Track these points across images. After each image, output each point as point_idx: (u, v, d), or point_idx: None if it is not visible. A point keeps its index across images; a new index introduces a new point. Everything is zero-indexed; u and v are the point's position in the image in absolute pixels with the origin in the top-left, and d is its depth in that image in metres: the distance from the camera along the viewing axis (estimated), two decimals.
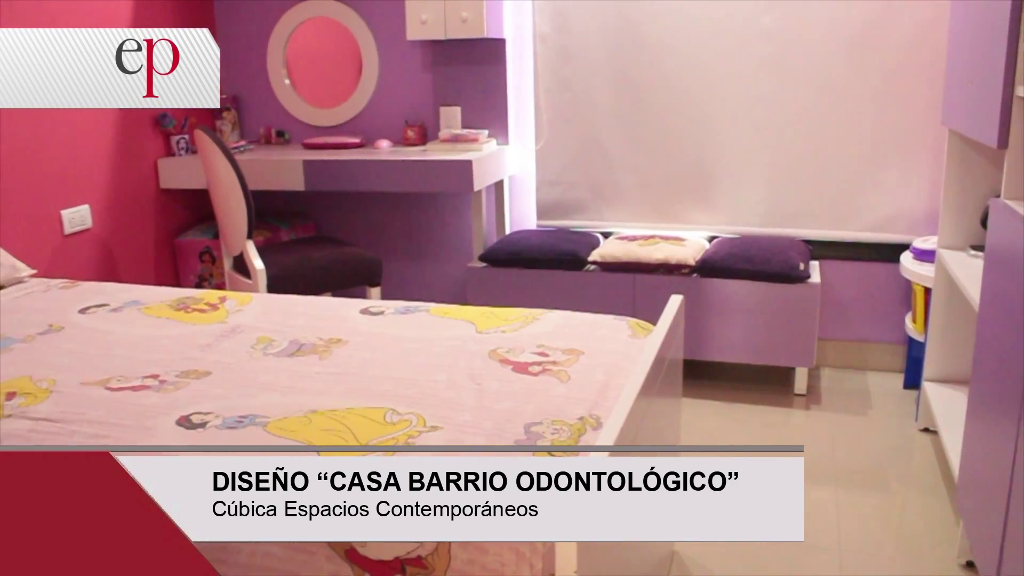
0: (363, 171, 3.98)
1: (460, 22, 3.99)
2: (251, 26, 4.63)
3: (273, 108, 4.70)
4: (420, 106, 4.43)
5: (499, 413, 1.84)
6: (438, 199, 4.50)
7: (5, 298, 2.94)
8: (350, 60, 4.54)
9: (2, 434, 1.89)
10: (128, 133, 4.13)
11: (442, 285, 4.58)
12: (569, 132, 4.24)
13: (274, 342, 2.37)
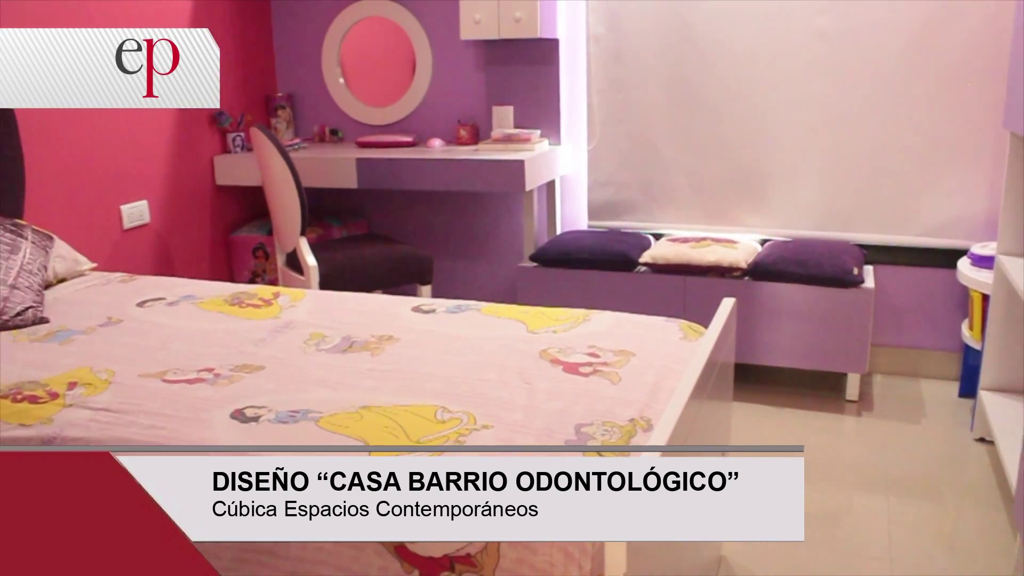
0: (415, 170, 4.01)
1: (513, 22, 3.99)
2: (307, 25, 4.68)
3: (327, 107, 4.74)
4: (473, 105, 4.44)
5: (549, 413, 1.84)
6: (489, 198, 4.52)
7: (67, 290, 3.00)
8: (404, 59, 4.57)
9: (63, 423, 1.93)
10: (185, 130, 4.20)
11: (492, 284, 4.59)
12: (621, 132, 4.23)
13: (326, 338, 2.40)
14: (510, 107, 4.33)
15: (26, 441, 1.90)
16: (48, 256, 2.96)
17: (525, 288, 4.02)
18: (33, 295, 2.74)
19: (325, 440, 1.76)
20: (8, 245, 2.81)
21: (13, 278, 2.72)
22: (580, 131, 4.34)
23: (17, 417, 1.98)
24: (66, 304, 2.85)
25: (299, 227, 3.62)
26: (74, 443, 1.86)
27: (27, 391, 2.11)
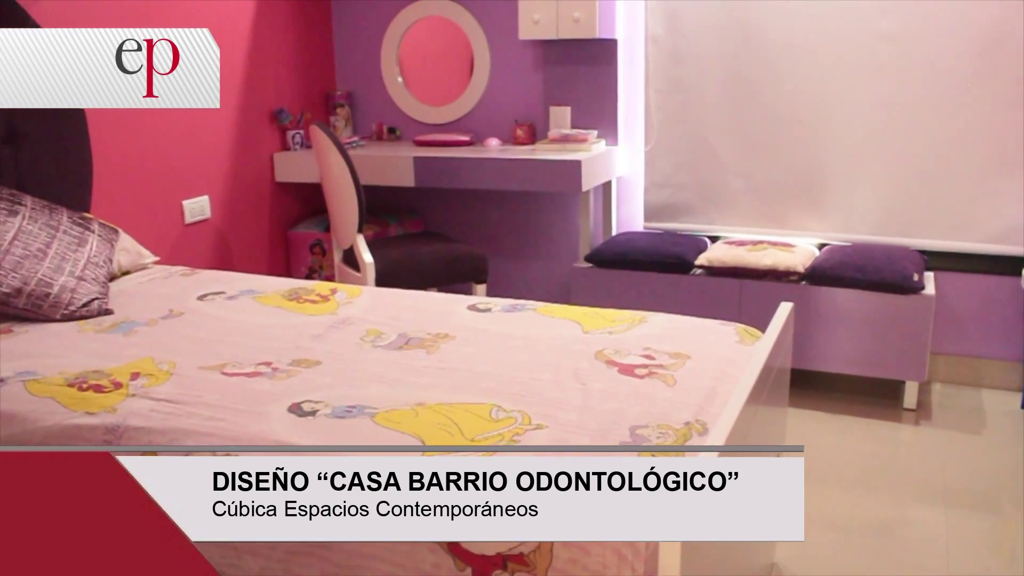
0: (472, 169, 4.02)
1: (572, 22, 3.99)
2: (366, 25, 4.72)
3: (385, 105, 4.78)
4: (530, 105, 4.45)
5: (604, 414, 1.84)
6: (545, 198, 4.52)
7: (130, 283, 3.07)
8: (462, 59, 4.59)
9: (126, 412, 1.97)
10: (246, 127, 4.26)
11: (547, 284, 4.59)
12: (679, 134, 4.21)
13: (383, 335, 2.42)
14: (567, 107, 4.33)
15: (91, 429, 1.94)
16: (113, 249, 3.03)
17: (579, 289, 4.02)
18: (99, 287, 2.80)
19: (381, 436, 1.78)
20: (76, 238, 2.88)
21: (80, 270, 2.78)
22: (637, 132, 4.32)
23: (83, 405, 2.03)
24: (129, 296, 2.91)
25: (356, 224, 3.65)
26: (137, 432, 1.90)
27: (92, 380, 2.16)
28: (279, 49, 4.44)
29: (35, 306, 2.65)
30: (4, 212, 2.77)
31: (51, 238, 2.81)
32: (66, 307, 2.68)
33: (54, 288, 2.68)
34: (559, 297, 4.27)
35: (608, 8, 4.07)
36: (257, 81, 4.31)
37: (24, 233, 2.75)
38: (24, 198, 2.87)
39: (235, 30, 4.16)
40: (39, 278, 2.67)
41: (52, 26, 3.21)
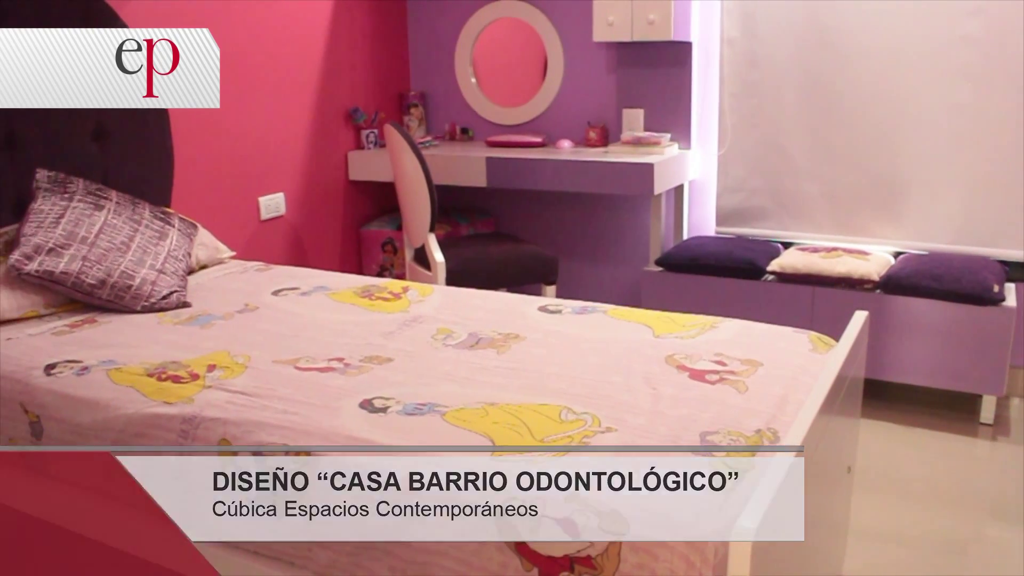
0: (544, 170, 4.03)
1: (647, 24, 3.97)
2: (441, 26, 4.76)
3: (459, 105, 4.81)
4: (603, 107, 4.44)
5: (674, 420, 1.83)
6: (617, 201, 4.50)
7: (208, 277, 3.14)
8: (535, 60, 4.60)
9: (203, 403, 2.01)
10: (322, 126, 4.32)
11: (616, 287, 4.57)
12: (753, 138, 4.16)
13: (453, 334, 2.43)
14: (640, 110, 4.31)
15: (168, 418, 1.99)
16: (192, 244, 3.10)
17: (649, 293, 4.00)
18: (178, 280, 2.87)
19: (450, 434, 1.79)
20: (157, 232, 2.95)
21: (161, 263, 2.85)
22: (711, 136, 4.28)
23: (161, 395, 2.08)
24: (207, 290, 2.97)
25: (428, 223, 3.68)
26: (212, 423, 1.94)
27: (170, 371, 2.21)
28: (355, 49, 4.49)
29: (117, 297, 2.73)
30: (91, 206, 2.85)
31: (134, 232, 2.88)
32: (146, 299, 2.75)
33: (136, 280, 2.76)
34: (628, 300, 4.25)
35: (683, 10, 4.04)
36: (333, 81, 4.37)
37: (109, 227, 2.83)
38: (109, 193, 2.96)
39: (312, 31, 4.22)
40: (122, 270, 2.75)
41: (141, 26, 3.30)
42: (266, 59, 3.98)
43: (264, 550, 1.85)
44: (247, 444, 1.86)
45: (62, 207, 2.80)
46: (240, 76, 3.86)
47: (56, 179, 2.88)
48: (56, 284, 2.67)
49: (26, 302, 2.68)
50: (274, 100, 4.05)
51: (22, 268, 2.63)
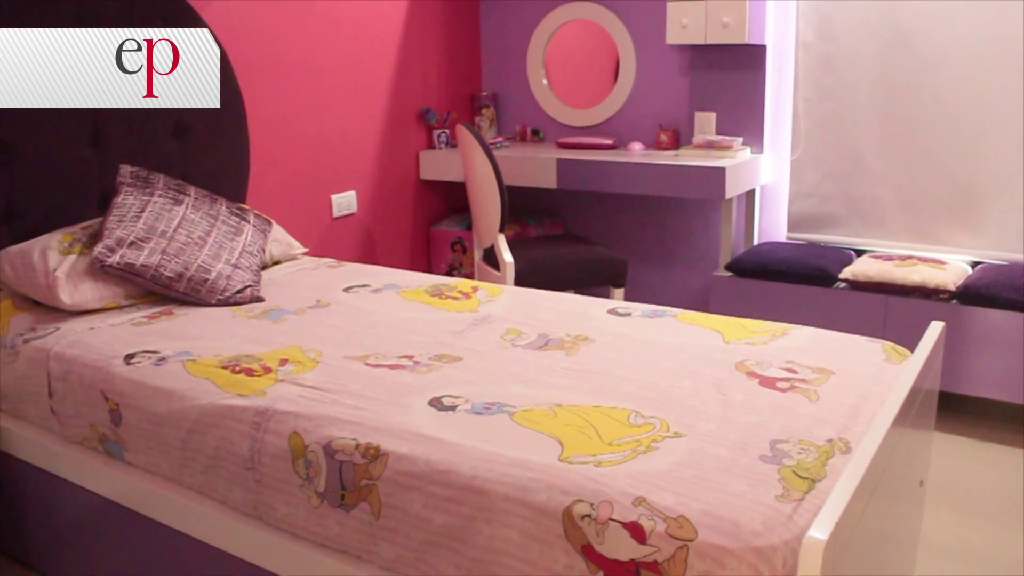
0: (615, 172, 4.02)
1: (721, 27, 3.94)
2: (514, 27, 4.78)
3: (530, 107, 4.82)
4: (675, 110, 4.41)
5: (744, 426, 1.81)
6: (687, 205, 4.48)
7: (281, 272, 3.19)
8: (607, 62, 4.59)
9: (275, 396, 2.05)
10: (394, 126, 4.37)
11: (684, 291, 4.55)
12: (827, 143, 4.10)
13: (523, 334, 2.44)
14: (712, 113, 4.28)
15: (242, 410, 2.03)
16: (266, 239, 3.15)
17: (719, 298, 3.97)
18: (252, 275, 2.92)
19: (519, 434, 1.80)
20: (233, 228, 3.01)
21: (236, 258, 2.91)
22: (784, 140, 4.24)
23: (235, 387, 2.12)
24: (279, 285, 3.02)
25: (498, 224, 3.70)
26: (284, 416, 1.97)
27: (244, 364, 2.25)
28: (428, 50, 4.53)
29: (194, 290, 2.79)
30: (171, 201, 2.92)
31: (211, 227, 2.95)
32: (221, 292, 2.81)
33: (211, 274, 2.82)
34: (697, 305, 4.23)
35: (758, 12, 4.00)
36: (405, 81, 4.41)
37: (187, 221, 2.90)
38: (188, 188, 3.03)
39: (386, 31, 4.27)
40: (199, 264, 2.81)
41: (221, 27, 3.39)
42: (342, 59, 4.04)
43: (331, 543, 1.88)
44: (318, 438, 1.89)
45: (143, 202, 2.87)
46: (316, 75, 3.92)
47: (138, 175, 2.95)
48: (136, 276, 2.75)
49: (108, 293, 2.75)
50: (348, 99, 4.10)
51: (105, 260, 2.70)
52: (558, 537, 1.57)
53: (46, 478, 2.51)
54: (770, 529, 1.45)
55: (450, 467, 1.71)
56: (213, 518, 2.07)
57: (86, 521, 2.45)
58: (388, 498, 1.77)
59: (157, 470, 2.23)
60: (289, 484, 1.92)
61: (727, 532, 1.45)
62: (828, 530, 1.32)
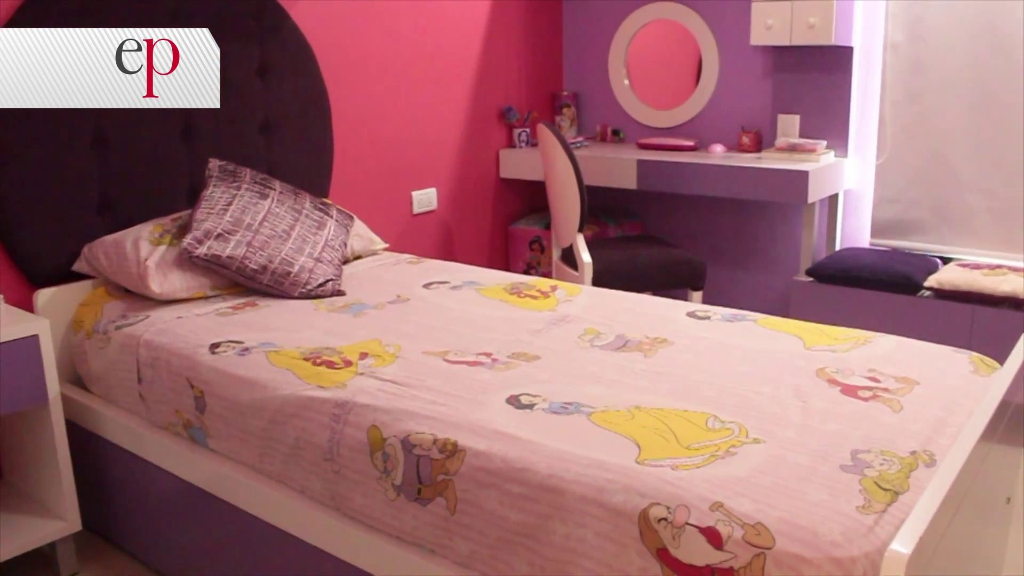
0: (695, 174, 3.99)
1: (807, 28, 3.88)
2: (596, 26, 4.77)
3: (611, 107, 4.81)
4: (757, 112, 4.36)
5: (825, 435, 1.79)
6: (768, 208, 4.42)
7: (361, 267, 3.24)
8: (689, 63, 4.56)
9: (355, 389, 2.08)
10: (475, 124, 4.40)
11: (763, 296, 4.49)
12: (914, 148, 4.01)
13: (601, 335, 2.44)
14: (796, 116, 4.22)
15: (322, 402, 2.06)
16: (348, 234, 3.20)
17: (799, 303, 3.91)
18: (334, 269, 2.97)
19: (596, 435, 1.80)
20: (316, 222, 3.06)
21: (319, 252, 2.96)
22: (869, 144, 4.15)
23: (316, 379, 2.16)
24: (360, 280, 3.07)
25: (578, 224, 3.70)
26: (364, 409, 2.00)
27: (325, 356, 2.30)
28: (510, 49, 4.55)
29: (277, 283, 2.85)
30: (257, 195, 2.98)
31: (295, 221, 3.00)
32: (304, 285, 2.86)
33: (294, 267, 2.87)
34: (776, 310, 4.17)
35: (845, 13, 3.93)
36: (487, 79, 4.44)
37: (272, 215, 2.96)
38: (273, 183, 3.09)
39: (469, 30, 4.30)
40: (282, 257, 2.87)
41: (308, 25, 3.45)
42: (425, 57, 4.08)
43: (406, 536, 1.90)
44: (396, 432, 1.91)
45: (230, 195, 2.94)
46: (399, 73, 3.97)
47: (226, 169, 3.02)
48: (222, 268, 2.81)
49: (195, 283, 2.83)
50: (430, 97, 4.14)
51: (193, 251, 2.77)
52: (633, 539, 1.57)
53: (133, 461, 2.58)
54: (850, 540, 1.43)
55: (527, 465, 1.72)
56: (291, 506, 2.11)
57: (169, 503, 2.52)
58: (464, 494, 1.78)
59: (238, 457, 2.28)
60: (367, 476, 1.95)
61: (806, 541, 1.43)
62: (912, 544, 1.29)
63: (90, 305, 2.85)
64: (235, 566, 2.35)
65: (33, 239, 2.81)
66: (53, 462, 2.60)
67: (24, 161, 2.75)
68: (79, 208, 2.90)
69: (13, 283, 2.82)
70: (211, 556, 2.43)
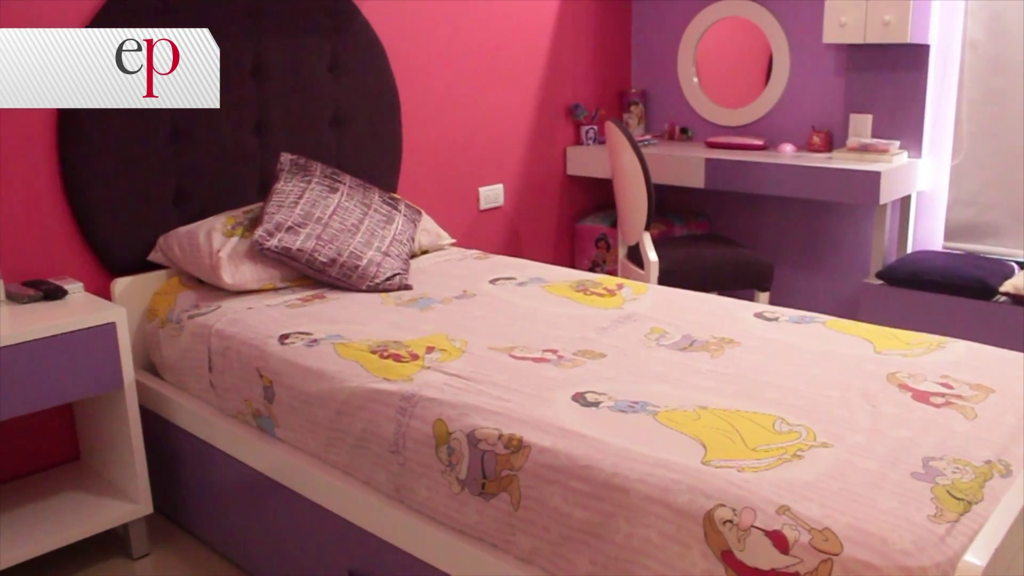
0: (764, 174, 3.95)
1: (882, 25, 3.81)
2: (666, 23, 4.74)
3: (679, 105, 4.77)
4: (828, 112, 4.29)
5: (895, 441, 1.76)
6: (838, 209, 4.35)
7: (428, 262, 3.26)
8: (759, 61, 4.50)
9: (421, 383, 2.10)
10: (542, 121, 4.40)
11: (831, 298, 4.42)
12: (992, 148, 3.91)
13: (667, 334, 2.42)
14: (869, 115, 4.14)
15: (388, 395, 2.09)
16: (416, 229, 3.23)
17: (868, 306, 3.84)
18: (401, 263, 3.00)
19: (662, 435, 1.79)
20: (385, 216, 3.09)
21: (387, 246, 2.99)
22: (944, 145, 4.06)
23: (383, 372, 2.18)
24: (427, 274, 3.09)
25: (644, 222, 3.68)
26: (429, 403, 2.01)
27: (392, 349, 2.32)
28: (578, 47, 4.54)
29: (345, 276, 2.88)
30: (326, 189, 3.02)
31: (363, 215, 3.04)
32: (372, 279, 2.89)
33: (363, 261, 2.90)
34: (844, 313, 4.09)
35: (922, 10, 3.84)
36: (555, 77, 4.44)
37: (341, 209, 3.00)
38: (343, 177, 3.12)
39: (538, 27, 4.30)
40: (351, 251, 2.90)
41: (379, 21, 3.48)
42: (493, 54, 4.09)
43: (469, 530, 1.91)
44: (462, 426, 1.93)
45: (301, 188, 2.98)
46: (467, 70, 3.99)
47: (297, 162, 3.07)
48: (292, 260, 2.86)
49: (265, 275, 2.88)
50: (499, 94, 4.15)
51: (264, 243, 2.82)
52: (698, 541, 1.56)
53: (203, 447, 2.64)
54: (921, 550, 1.40)
55: (591, 463, 1.72)
56: (356, 497, 2.14)
57: (237, 490, 2.57)
58: (528, 490, 1.79)
59: (305, 447, 2.31)
60: (431, 469, 1.97)
61: (874, 549, 1.41)
62: (987, 556, 1.26)
63: (164, 294, 2.91)
64: (299, 553, 2.39)
65: (112, 230, 2.89)
66: (127, 446, 2.67)
67: (105, 155, 2.83)
68: (155, 200, 2.97)
69: (93, 272, 2.90)
70: (275, 542, 2.47)
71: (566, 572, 1.75)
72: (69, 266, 2.86)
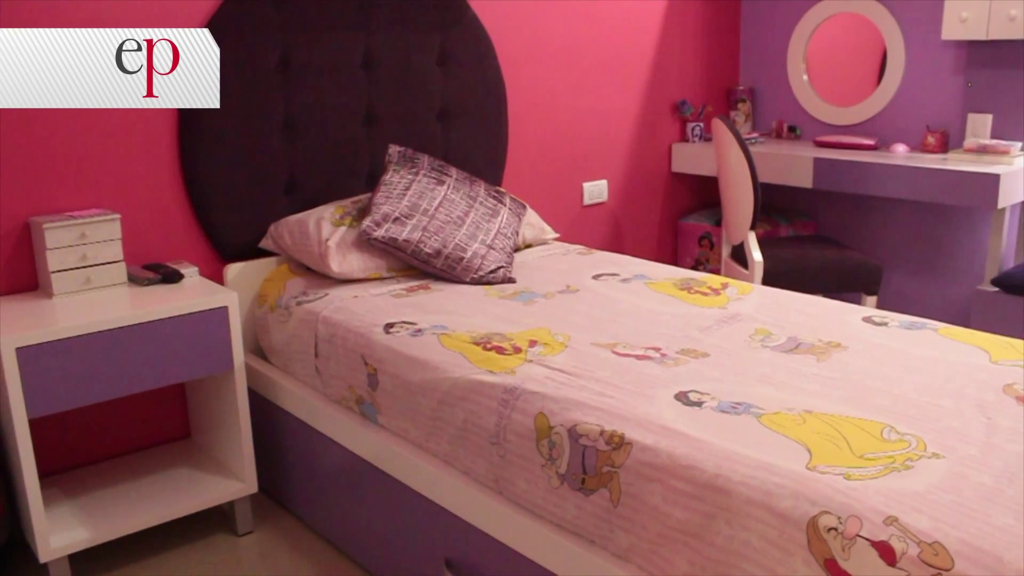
0: (875, 174, 3.85)
1: (1007, 21, 3.67)
2: (776, 20, 4.65)
3: (787, 103, 4.69)
4: (945, 111, 4.16)
5: (1011, 455, 1.70)
6: (952, 212, 4.22)
7: (532, 256, 3.28)
8: (872, 58, 4.39)
9: (524, 376, 2.11)
10: (648, 117, 4.38)
11: (943, 304, 4.29)
12: None
13: (772, 336, 2.39)
14: (988, 115, 3.99)
15: (491, 387, 2.10)
16: (520, 223, 3.25)
17: (981, 314, 3.71)
18: (505, 256, 3.02)
19: (766, 438, 1.77)
20: (490, 209, 3.12)
21: (491, 239, 3.02)
22: None
23: (486, 364, 2.20)
24: (530, 268, 3.11)
25: (750, 221, 3.63)
26: (532, 396, 2.03)
27: (495, 342, 2.34)
28: (686, 43, 4.50)
29: (450, 268, 2.92)
30: (433, 181, 3.06)
31: (469, 207, 3.07)
32: (476, 271, 2.92)
33: (467, 253, 2.93)
34: (956, 320, 3.97)
35: None
36: (662, 73, 4.40)
37: (448, 201, 3.03)
38: (450, 169, 3.16)
39: (645, 23, 4.28)
40: (456, 243, 2.93)
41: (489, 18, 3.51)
42: (600, 51, 4.08)
43: (567, 524, 1.92)
44: (563, 421, 1.93)
45: (408, 180, 3.03)
46: (574, 66, 3.99)
47: (405, 154, 3.11)
48: (398, 250, 2.90)
49: (372, 264, 2.93)
50: (605, 90, 4.14)
51: (371, 233, 2.87)
52: (800, 547, 1.54)
53: (307, 431, 2.71)
54: None
55: (693, 463, 1.71)
56: (455, 486, 2.17)
57: (338, 474, 2.63)
58: (628, 487, 1.79)
59: (406, 435, 2.35)
60: (531, 462, 1.98)
61: (988, 567, 1.36)
62: None
63: (274, 281, 2.99)
64: (396, 539, 2.43)
65: (225, 217, 2.98)
66: (235, 427, 2.76)
67: (221, 144, 2.92)
68: (267, 189, 3.05)
69: (207, 257, 3.00)
70: (373, 527, 2.52)
71: (663, 571, 1.74)
72: (185, 251, 2.96)
